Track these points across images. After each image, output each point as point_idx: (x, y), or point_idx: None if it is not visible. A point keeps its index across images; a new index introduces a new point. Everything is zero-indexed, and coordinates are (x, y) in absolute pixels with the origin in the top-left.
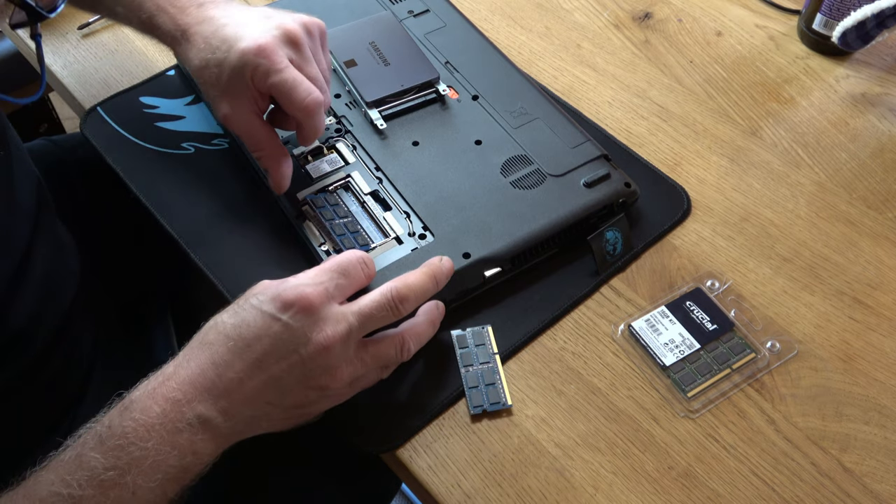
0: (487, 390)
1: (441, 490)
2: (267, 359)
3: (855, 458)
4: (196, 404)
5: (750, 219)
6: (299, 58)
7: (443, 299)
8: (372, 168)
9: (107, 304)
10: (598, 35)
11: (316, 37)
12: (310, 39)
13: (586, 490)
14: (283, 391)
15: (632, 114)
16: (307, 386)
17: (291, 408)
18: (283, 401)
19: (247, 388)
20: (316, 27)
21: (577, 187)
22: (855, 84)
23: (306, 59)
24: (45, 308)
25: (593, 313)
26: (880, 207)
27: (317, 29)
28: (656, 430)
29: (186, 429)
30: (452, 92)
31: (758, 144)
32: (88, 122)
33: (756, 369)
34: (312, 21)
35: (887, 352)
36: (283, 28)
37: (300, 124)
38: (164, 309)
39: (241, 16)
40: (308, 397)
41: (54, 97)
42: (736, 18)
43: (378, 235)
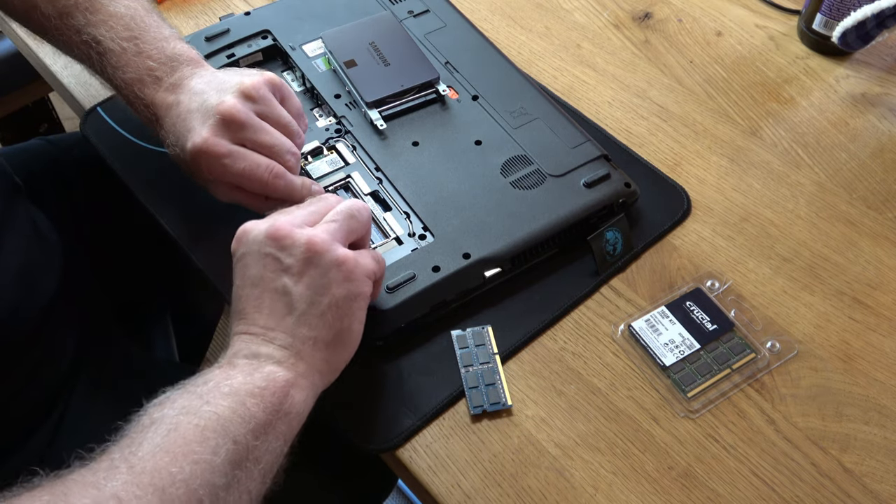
0: (487, 390)
1: (441, 490)
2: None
3: (855, 458)
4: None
5: (750, 219)
6: (247, 133)
7: (443, 299)
8: (372, 168)
9: (103, 302)
10: (598, 35)
11: (263, 97)
12: (255, 104)
13: (586, 490)
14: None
15: (632, 114)
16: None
17: (326, 309)
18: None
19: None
20: (261, 88)
21: (577, 187)
22: (855, 84)
23: (255, 129)
24: (22, 302)
25: (593, 313)
26: (880, 207)
27: (263, 89)
28: (656, 430)
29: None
30: (452, 92)
31: (758, 144)
32: (88, 122)
33: (756, 369)
34: (255, 84)
35: (887, 352)
36: (221, 110)
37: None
38: (164, 308)
39: (196, 100)
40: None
41: (54, 97)
42: (736, 18)
43: (378, 236)
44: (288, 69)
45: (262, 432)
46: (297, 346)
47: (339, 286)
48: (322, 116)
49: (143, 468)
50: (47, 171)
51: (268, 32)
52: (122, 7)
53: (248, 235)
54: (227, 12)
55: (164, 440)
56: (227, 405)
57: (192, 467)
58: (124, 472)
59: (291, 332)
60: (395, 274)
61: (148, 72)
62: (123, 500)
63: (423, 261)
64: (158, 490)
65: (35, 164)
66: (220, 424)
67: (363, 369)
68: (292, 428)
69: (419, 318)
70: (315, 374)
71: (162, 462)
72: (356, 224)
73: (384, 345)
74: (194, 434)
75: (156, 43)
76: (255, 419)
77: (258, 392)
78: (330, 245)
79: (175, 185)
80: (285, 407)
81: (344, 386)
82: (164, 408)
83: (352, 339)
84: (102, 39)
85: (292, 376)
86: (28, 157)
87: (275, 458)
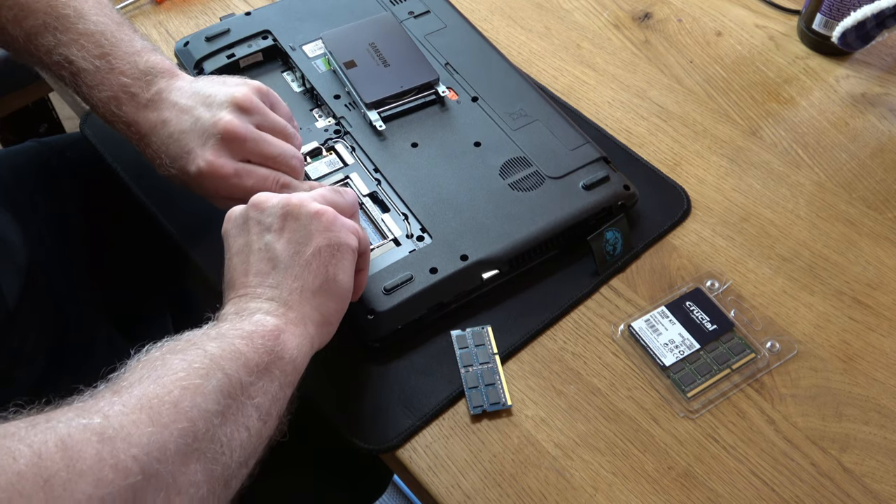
0: (487, 390)
1: (441, 490)
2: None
3: (855, 458)
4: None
5: (750, 219)
6: (250, 147)
7: (441, 301)
8: (370, 169)
9: (96, 301)
10: (598, 35)
11: (257, 108)
12: (252, 116)
13: (586, 490)
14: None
15: (632, 114)
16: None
17: (311, 258)
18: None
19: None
20: (252, 99)
21: (576, 190)
22: (855, 84)
23: (257, 141)
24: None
25: (593, 313)
26: (880, 207)
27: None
28: (656, 431)
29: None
30: (452, 93)
31: (758, 144)
32: (88, 121)
33: (756, 369)
34: (246, 97)
35: (887, 352)
36: (220, 128)
37: None
38: (163, 307)
39: (185, 119)
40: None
41: (54, 97)
42: (736, 18)
43: (376, 237)
44: (288, 69)
45: (254, 370)
46: (285, 297)
47: (321, 235)
48: (321, 117)
49: (130, 393)
50: (41, 174)
51: (268, 33)
52: (91, 24)
53: (234, 213)
54: (228, 12)
55: (150, 372)
56: (215, 345)
57: (181, 391)
58: (108, 395)
59: (277, 284)
60: (393, 275)
61: (122, 89)
62: (109, 416)
63: (420, 262)
64: (146, 408)
65: (29, 167)
66: (209, 358)
67: (363, 369)
68: (287, 373)
69: (416, 320)
70: (308, 323)
71: (149, 388)
72: (339, 198)
73: (381, 346)
74: (181, 365)
75: (128, 58)
76: (245, 356)
77: (247, 335)
78: (306, 200)
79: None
80: (277, 350)
81: (344, 386)
82: (150, 353)
83: (339, 290)
84: (74, 59)
85: (282, 322)
86: (22, 160)
87: (271, 399)
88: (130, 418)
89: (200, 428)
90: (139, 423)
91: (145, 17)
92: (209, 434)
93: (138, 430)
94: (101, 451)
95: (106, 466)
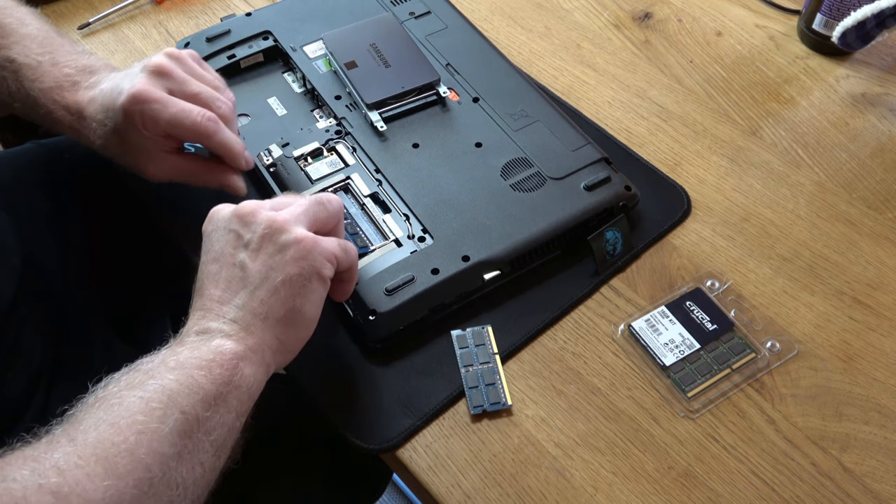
0: (487, 390)
1: (441, 490)
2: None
3: (855, 458)
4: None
5: (750, 219)
6: (175, 84)
7: (442, 302)
8: (372, 170)
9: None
10: (598, 35)
11: (184, 58)
12: (178, 63)
13: (586, 490)
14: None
15: (632, 114)
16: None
17: (280, 286)
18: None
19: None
20: (182, 52)
21: (578, 190)
22: (855, 84)
23: (182, 80)
24: None
25: (593, 313)
26: (880, 207)
27: (184, 54)
28: (656, 430)
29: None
30: (453, 94)
31: (758, 144)
32: None
33: (756, 369)
34: (176, 50)
35: (887, 352)
36: (148, 66)
37: (211, 147)
38: (162, 307)
39: (117, 77)
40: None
41: None
42: (736, 18)
43: (377, 238)
44: (289, 70)
45: (212, 403)
46: (248, 320)
47: (294, 264)
48: (322, 118)
49: (85, 440)
50: (40, 175)
51: (269, 33)
52: (33, 30)
53: (218, 214)
54: (228, 13)
55: (107, 414)
56: (173, 377)
57: (138, 437)
58: (65, 444)
59: (242, 306)
60: (394, 276)
61: (65, 78)
62: (64, 471)
63: (422, 263)
64: (101, 459)
65: (28, 168)
66: (167, 395)
67: (363, 369)
68: (243, 402)
69: (418, 321)
70: (266, 351)
71: (105, 434)
72: (323, 212)
73: (382, 347)
74: (139, 406)
75: (70, 56)
76: (204, 390)
77: (205, 364)
78: (290, 225)
79: (174, 185)
80: (235, 380)
81: (344, 386)
82: (108, 387)
83: (304, 321)
84: (16, 58)
85: (241, 349)
86: (21, 162)
87: (227, 431)
88: (85, 471)
89: (157, 474)
90: (94, 476)
91: (145, 17)
92: (165, 478)
93: (93, 484)
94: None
95: None
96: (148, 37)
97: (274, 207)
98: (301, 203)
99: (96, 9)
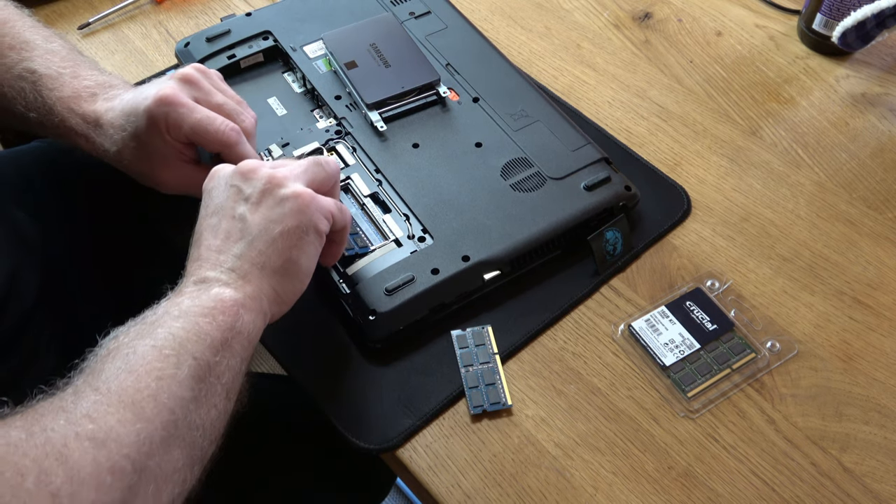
0: (487, 390)
1: (441, 490)
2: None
3: (855, 458)
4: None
5: (750, 219)
6: (202, 94)
7: (442, 302)
8: (372, 170)
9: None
10: (598, 35)
11: (210, 74)
12: (204, 76)
13: (586, 490)
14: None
15: (632, 114)
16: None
17: (277, 237)
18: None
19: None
20: (208, 69)
21: (578, 190)
22: (855, 84)
23: (209, 91)
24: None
25: (593, 313)
26: (880, 207)
27: (210, 71)
28: (656, 430)
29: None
30: (453, 94)
31: (758, 144)
32: None
33: (756, 369)
34: (202, 66)
35: (887, 352)
36: (177, 74)
37: (231, 158)
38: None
39: (138, 89)
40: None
41: None
42: (736, 18)
43: (377, 238)
44: (289, 70)
45: (219, 349)
46: (245, 269)
47: (292, 216)
48: (322, 118)
49: (109, 389)
50: (48, 174)
51: (269, 33)
52: (57, 46)
53: (219, 172)
54: (228, 13)
55: (124, 363)
56: (179, 325)
57: (158, 382)
58: (90, 393)
59: (240, 256)
60: (394, 276)
61: (85, 89)
62: (97, 419)
63: (422, 263)
64: (128, 405)
65: (35, 167)
66: (178, 343)
67: (363, 369)
68: (245, 348)
69: (418, 321)
70: (263, 300)
71: (126, 382)
72: (322, 173)
73: (382, 348)
74: (153, 354)
75: (91, 71)
76: (210, 336)
77: (208, 312)
78: (290, 181)
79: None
80: (238, 325)
81: (344, 386)
82: (118, 339)
83: (299, 272)
84: (37, 68)
85: (240, 297)
86: (28, 160)
87: (234, 375)
88: (116, 417)
89: (179, 417)
90: (125, 421)
91: (145, 17)
92: (186, 420)
93: (125, 428)
94: (98, 456)
95: (104, 471)
96: (148, 37)
97: (274, 167)
98: (300, 163)
99: (96, 9)
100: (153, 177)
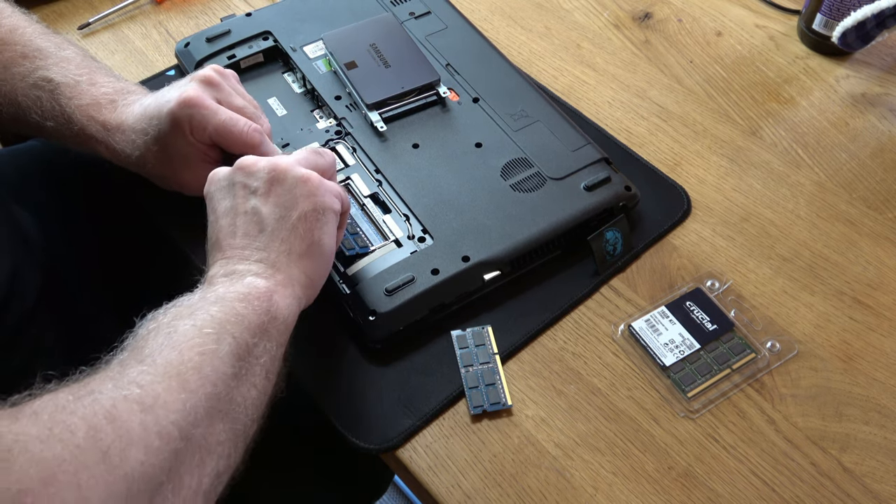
0: (487, 390)
1: (441, 490)
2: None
3: (855, 458)
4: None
5: (750, 219)
6: (223, 95)
7: (442, 302)
8: (372, 170)
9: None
10: (598, 35)
11: (228, 76)
12: (223, 78)
13: (586, 490)
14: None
15: (632, 114)
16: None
17: (297, 222)
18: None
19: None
20: (226, 71)
21: (578, 191)
22: (855, 84)
23: (228, 93)
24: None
25: (593, 313)
26: (880, 207)
27: (228, 72)
28: (656, 431)
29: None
30: (453, 94)
31: (758, 144)
32: None
33: (756, 369)
34: (220, 67)
35: (887, 352)
36: (197, 76)
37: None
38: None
39: (158, 93)
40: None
41: None
42: (736, 18)
43: (377, 238)
44: (289, 70)
45: (256, 332)
46: (272, 259)
47: (306, 200)
48: (322, 118)
49: (154, 361)
50: (44, 173)
51: (269, 33)
52: (71, 53)
53: (217, 174)
54: (228, 13)
55: (166, 339)
56: (217, 308)
57: (200, 357)
58: (136, 365)
59: (265, 247)
60: (394, 276)
61: (104, 96)
62: (144, 385)
63: (422, 263)
64: (173, 376)
65: (32, 166)
66: (217, 323)
67: (363, 369)
68: (281, 332)
69: (418, 321)
70: (295, 285)
71: (170, 356)
72: (321, 159)
73: (382, 348)
74: (193, 332)
75: (108, 78)
76: (248, 319)
77: (243, 297)
78: (293, 165)
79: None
80: (272, 311)
81: (344, 386)
82: (157, 320)
83: (324, 253)
84: (54, 77)
85: (272, 284)
86: (25, 159)
87: (272, 358)
88: (162, 385)
89: (221, 391)
90: (171, 389)
91: (145, 17)
92: (228, 396)
93: (172, 396)
94: (145, 420)
95: (152, 434)
96: (148, 37)
97: (272, 158)
98: (298, 151)
99: (96, 9)
100: (176, 179)
